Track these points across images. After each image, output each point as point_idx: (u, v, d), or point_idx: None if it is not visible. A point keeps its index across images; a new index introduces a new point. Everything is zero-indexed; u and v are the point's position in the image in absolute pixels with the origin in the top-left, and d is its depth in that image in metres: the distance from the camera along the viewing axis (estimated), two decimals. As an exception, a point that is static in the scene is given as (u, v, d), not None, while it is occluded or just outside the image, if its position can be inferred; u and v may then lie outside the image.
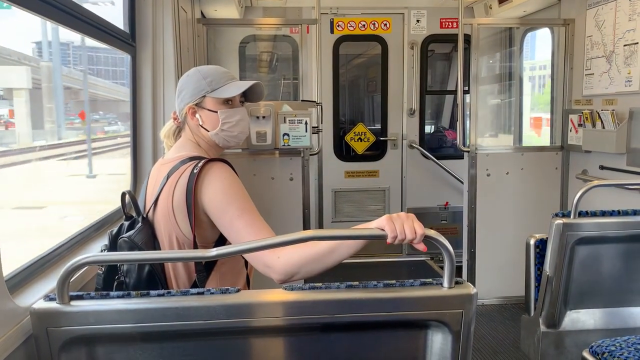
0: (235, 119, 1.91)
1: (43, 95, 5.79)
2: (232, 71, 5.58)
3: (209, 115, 1.89)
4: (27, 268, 1.75)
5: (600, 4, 3.84)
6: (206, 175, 1.72)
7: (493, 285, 4.37)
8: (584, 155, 4.10)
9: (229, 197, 1.71)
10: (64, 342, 1.31)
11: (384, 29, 5.59)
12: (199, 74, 1.92)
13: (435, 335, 1.40)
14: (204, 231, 1.76)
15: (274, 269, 1.59)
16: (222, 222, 1.70)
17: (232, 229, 1.68)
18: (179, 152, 1.89)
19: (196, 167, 1.73)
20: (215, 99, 1.88)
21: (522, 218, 4.30)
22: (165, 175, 1.81)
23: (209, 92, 1.87)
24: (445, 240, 1.34)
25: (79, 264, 1.30)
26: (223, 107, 1.89)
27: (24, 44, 4.33)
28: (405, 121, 5.68)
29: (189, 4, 3.77)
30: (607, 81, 3.78)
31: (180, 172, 1.77)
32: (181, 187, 1.73)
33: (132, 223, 1.83)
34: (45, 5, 1.83)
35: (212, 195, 1.71)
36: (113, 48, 2.74)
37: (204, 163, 1.74)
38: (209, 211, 1.72)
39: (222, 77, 1.91)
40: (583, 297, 2.57)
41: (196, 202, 1.71)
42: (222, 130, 1.89)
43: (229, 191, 1.73)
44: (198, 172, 1.71)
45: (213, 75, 1.90)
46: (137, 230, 1.77)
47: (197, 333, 1.35)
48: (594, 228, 2.45)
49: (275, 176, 4.07)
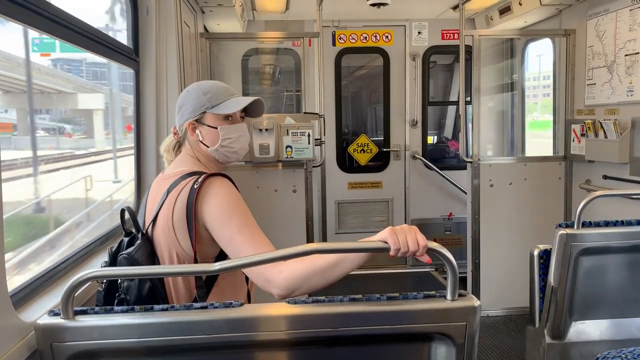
0: (236, 135, 1.91)
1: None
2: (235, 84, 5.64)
3: (209, 131, 1.89)
4: (31, 283, 1.75)
5: (601, 15, 3.86)
6: (206, 190, 1.72)
7: (498, 296, 4.35)
8: (587, 165, 4.09)
9: (229, 212, 1.71)
10: (69, 357, 1.32)
11: (386, 41, 5.63)
12: (199, 89, 1.92)
13: (439, 348, 1.39)
14: (204, 247, 1.75)
15: (275, 284, 1.57)
16: (221, 237, 1.70)
17: (232, 244, 1.68)
18: (179, 168, 1.89)
19: (196, 183, 1.72)
20: (216, 114, 1.88)
21: (526, 228, 4.29)
22: (165, 191, 1.80)
23: (209, 108, 1.87)
24: (448, 252, 1.34)
25: (84, 279, 1.30)
26: (223, 123, 1.89)
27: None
28: (407, 132, 5.69)
29: (192, 18, 3.80)
30: (609, 91, 3.79)
31: (180, 187, 1.77)
32: (181, 203, 1.73)
33: (131, 239, 1.82)
34: (49, 22, 1.85)
35: (212, 210, 1.70)
36: (117, 63, 2.77)
37: (204, 178, 1.74)
38: (209, 226, 1.71)
39: (223, 93, 1.91)
40: (588, 308, 2.55)
41: (196, 218, 1.71)
42: (222, 146, 1.89)
43: (229, 206, 1.72)
44: (198, 188, 1.71)
45: (213, 91, 1.90)
46: (136, 247, 1.76)
47: (201, 347, 1.35)
48: (598, 238, 2.44)
49: (279, 188, 4.07)
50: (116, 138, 8.98)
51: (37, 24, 1.78)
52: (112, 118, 9.42)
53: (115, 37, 2.60)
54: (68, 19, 1.99)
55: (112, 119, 9.42)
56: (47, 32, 1.90)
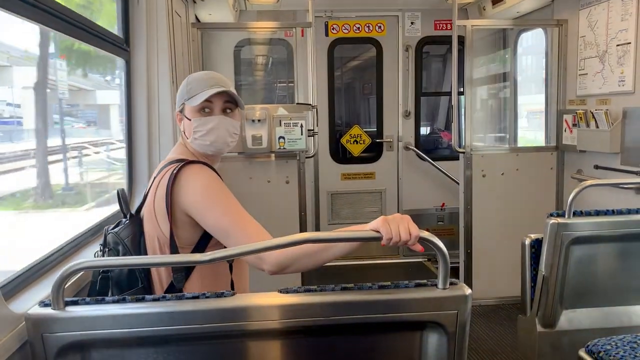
0: (207, 127, 1.87)
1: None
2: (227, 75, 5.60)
3: (187, 122, 1.90)
4: (22, 274, 1.74)
5: (593, 5, 3.86)
6: (182, 175, 1.74)
7: (490, 285, 4.38)
8: (578, 155, 4.11)
9: (210, 196, 1.73)
10: (60, 347, 1.31)
11: (379, 32, 5.61)
12: (186, 80, 1.94)
13: (431, 336, 1.40)
14: (184, 232, 1.76)
15: (267, 260, 1.60)
16: (206, 221, 1.71)
17: (219, 227, 1.70)
18: (171, 154, 1.94)
19: (176, 169, 1.75)
20: (192, 106, 1.88)
21: (518, 218, 4.31)
22: (154, 176, 1.86)
23: (187, 100, 1.89)
24: (440, 241, 1.34)
25: (74, 270, 1.30)
26: (197, 115, 1.87)
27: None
28: (400, 123, 5.69)
29: (183, 8, 3.77)
30: (601, 81, 3.80)
31: (163, 173, 1.80)
32: (162, 188, 1.76)
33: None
34: (39, 11, 1.83)
35: (191, 196, 1.72)
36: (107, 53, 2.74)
37: (182, 165, 1.76)
38: (191, 211, 1.73)
39: (201, 85, 1.88)
40: (579, 297, 2.57)
41: (174, 203, 1.73)
42: (194, 138, 1.89)
43: (209, 190, 1.74)
44: (176, 173, 1.74)
45: (194, 83, 1.89)
46: (124, 226, 1.83)
47: (193, 337, 1.35)
48: (589, 227, 2.46)
49: (272, 179, 4.07)
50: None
51: (26, 14, 1.76)
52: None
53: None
54: (58, 8, 1.97)
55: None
56: (37, 22, 1.87)
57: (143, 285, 1.78)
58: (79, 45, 2.69)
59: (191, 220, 1.74)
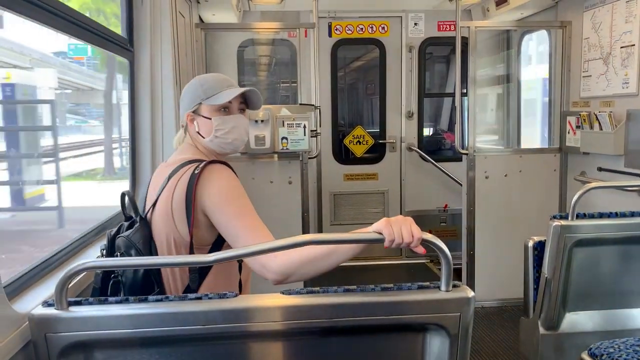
0: (229, 125, 1.91)
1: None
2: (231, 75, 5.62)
3: (204, 122, 1.91)
4: (25, 274, 1.75)
5: (597, 6, 3.85)
6: (207, 175, 1.74)
7: (492, 287, 4.37)
8: (582, 157, 4.10)
9: (229, 198, 1.73)
10: (63, 348, 1.31)
11: (382, 32, 5.61)
12: (197, 81, 1.95)
13: (433, 338, 1.40)
14: (202, 232, 1.77)
15: (271, 269, 1.59)
16: (220, 222, 1.72)
17: (230, 229, 1.70)
18: (181, 155, 1.92)
19: (197, 168, 1.75)
20: (210, 106, 1.90)
21: (521, 220, 4.31)
22: (166, 177, 1.83)
23: (204, 99, 1.90)
24: (442, 243, 1.34)
25: (77, 270, 1.30)
26: (217, 114, 1.90)
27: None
28: (403, 124, 5.68)
29: (187, 8, 3.78)
30: (605, 83, 3.79)
31: (180, 173, 1.79)
32: (181, 188, 1.75)
33: (131, 224, 1.86)
34: (43, 12, 1.84)
35: (212, 195, 1.72)
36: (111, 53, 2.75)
37: (206, 164, 1.76)
38: (208, 211, 1.73)
39: (219, 85, 1.92)
40: (581, 299, 2.57)
41: (195, 203, 1.73)
42: (215, 137, 1.91)
43: (229, 192, 1.74)
44: (199, 173, 1.73)
45: (209, 83, 1.92)
46: (134, 230, 1.79)
47: (195, 338, 1.36)
48: (592, 230, 2.46)
49: (274, 180, 4.07)
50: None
51: (31, 14, 1.76)
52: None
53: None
54: (62, 8, 1.97)
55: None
56: (41, 22, 1.88)
57: (159, 290, 1.76)
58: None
59: (208, 220, 1.74)
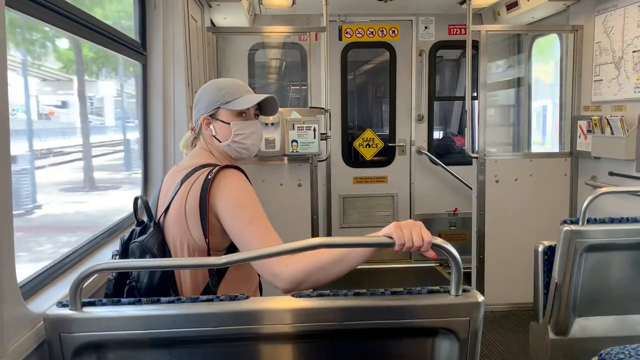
0: (248, 131, 1.94)
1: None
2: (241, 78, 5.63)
3: (222, 126, 1.92)
4: (40, 274, 1.78)
5: (609, 10, 3.83)
6: (220, 180, 1.75)
7: (502, 291, 4.35)
8: (593, 161, 4.08)
9: (242, 204, 1.74)
10: (76, 347, 1.34)
11: (392, 36, 5.61)
12: (214, 86, 1.95)
13: (443, 342, 1.40)
14: (215, 237, 1.77)
15: (281, 277, 1.59)
16: (232, 227, 1.72)
17: (242, 235, 1.70)
18: (193, 160, 1.92)
19: (210, 173, 1.76)
20: (229, 110, 1.91)
21: (531, 224, 4.29)
22: (179, 182, 1.83)
23: (223, 104, 1.91)
24: (452, 248, 1.35)
25: (92, 271, 1.32)
26: (236, 119, 1.92)
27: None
28: (413, 127, 5.68)
29: (198, 13, 3.81)
30: (616, 87, 3.77)
31: (194, 178, 1.79)
32: (195, 193, 1.75)
33: (143, 228, 1.86)
34: (58, 16, 1.87)
35: (225, 200, 1.73)
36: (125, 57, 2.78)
37: (219, 169, 1.77)
38: (221, 216, 1.73)
39: (237, 90, 1.94)
40: (592, 305, 2.56)
41: (210, 207, 1.73)
42: (233, 141, 1.92)
43: (242, 197, 1.75)
44: (213, 178, 1.74)
45: (228, 88, 1.93)
46: (148, 235, 1.80)
47: (207, 339, 1.37)
48: (603, 235, 2.45)
49: (284, 182, 4.09)
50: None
51: (46, 18, 1.79)
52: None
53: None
54: (77, 12, 2.00)
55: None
56: (56, 26, 1.91)
57: (175, 295, 1.77)
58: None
59: (221, 225, 1.75)
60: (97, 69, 3.29)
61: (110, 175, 4.10)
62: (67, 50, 2.80)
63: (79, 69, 2.96)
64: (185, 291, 1.81)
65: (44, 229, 2.79)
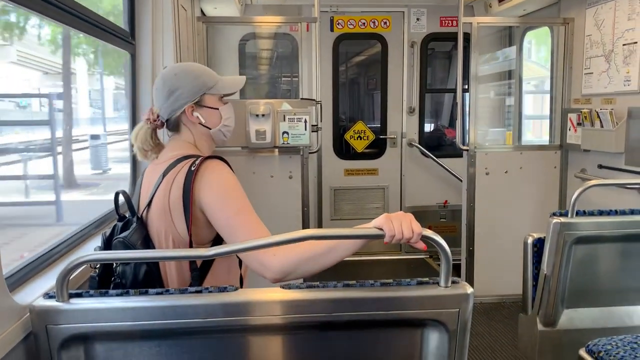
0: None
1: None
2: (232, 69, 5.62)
3: (210, 112, 1.88)
4: (26, 266, 1.76)
5: (600, 3, 3.84)
6: (204, 172, 1.71)
7: (491, 283, 4.38)
8: (582, 154, 4.10)
9: (227, 195, 1.70)
10: (63, 339, 1.32)
11: (384, 27, 5.59)
12: (191, 73, 1.87)
13: (432, 333, 1.41)
14: (200, 230, 1.74)
15: (270, 268, 1.57)
16: (218, 219, 1.69)
17: (228, 227, 1.67)
18: (173, 152, 1.86)
19: (194, 165, 1.72)
20: (214, 95, 1.88)
21: (521, 217, 4.31)
22: (161, 175, 1.78)
23: (209, 90, 1.87)
24: (442, 239, 1.35)
25: (79, 262, 1.31)
26: (220, 104, 1.91)
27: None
28: (404, 119, 5.68)
29: (188, 2, 3.77)
30: (606, 80, 3.79)
31: (176, 170, 1.75)
32: (178, 185, 1.72)
33: (125, 224, 1.81)
34: (44, 4, 1.83)
35: (209, 192, 1.70)
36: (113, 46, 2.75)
37: (202, 160, 1.73)
38: (206, 208, 1.70)
39: (212, 75, 1.91)
40: (580, 296, 2.58)
41: (193, 199, 1.70)
42: (224, 125, 1.91)
43: (227, 189, 1.72)
44: (196, 170, 1.70)
45: (206, 73, 1.90)
46: (132, 231, 1.75)
47: (195, 331, 1.36)
48: (592, 227, 2.46)
49: (275, 174, 4.07)
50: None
51: (33, 7, 1.76)
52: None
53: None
54: (65, 1, 1.97)
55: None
56: (42, 14, 1.88)
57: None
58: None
59: (206, 217, 1.72)
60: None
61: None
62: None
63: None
64: (172, 286, 1.78)
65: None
